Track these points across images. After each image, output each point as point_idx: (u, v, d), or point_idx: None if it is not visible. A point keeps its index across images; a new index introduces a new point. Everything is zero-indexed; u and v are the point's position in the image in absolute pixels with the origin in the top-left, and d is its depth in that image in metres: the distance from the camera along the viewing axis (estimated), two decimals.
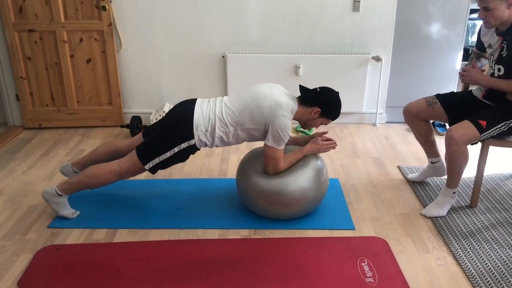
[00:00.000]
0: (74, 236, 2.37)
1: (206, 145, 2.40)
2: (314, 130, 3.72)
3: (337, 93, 2.45)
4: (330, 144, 2.50)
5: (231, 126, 2.36)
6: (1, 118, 4.06)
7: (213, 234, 2.40)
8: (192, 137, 2.34)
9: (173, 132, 2.36)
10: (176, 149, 2.36)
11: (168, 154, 2.36)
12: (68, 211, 2.50)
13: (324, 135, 2.54)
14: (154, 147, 2.39)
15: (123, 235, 2.38)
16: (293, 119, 2.43)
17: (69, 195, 2.48)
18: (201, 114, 2.37)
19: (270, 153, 2.34)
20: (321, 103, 2.40)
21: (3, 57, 3.72)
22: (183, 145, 2.35)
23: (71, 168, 2.70)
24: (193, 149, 2.39)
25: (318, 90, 2.43)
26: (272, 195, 2.36)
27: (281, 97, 2.35)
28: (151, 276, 2.07)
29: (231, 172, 3.11)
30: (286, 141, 2.34)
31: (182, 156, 2.41)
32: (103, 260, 2.18)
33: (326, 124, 2.50)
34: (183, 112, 2.40)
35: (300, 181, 2.36)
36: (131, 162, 2.41)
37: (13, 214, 2.58)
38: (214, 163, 3.25)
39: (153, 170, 2.42)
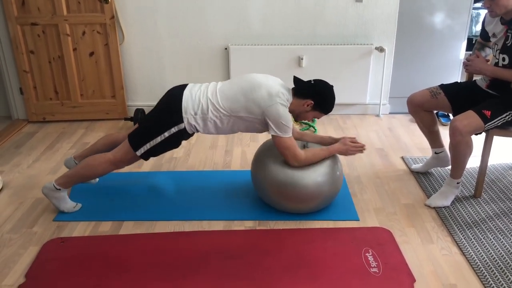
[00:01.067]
0: (80, 229, 2.39)
1: (197, 129, 2.38)
2: (316, 122, 3.71)
3: (331, 86, 2.41)
4: (358, 147, 2.46)
5: (226, 112, 2.33)
6: (5, 112, 4.08)
7: (218, 225, 2.41)
8: (182, 121, 2.33)
9: (162, 116, 2.36)
10: (166, 134, 2.35)
11: (158, 139, 2.36)
12: (69, 205, 2.51)
13: (353, 138, 2.49)
14: (144, 132, 2.39)
15: (129, 228, 2.40)
16: None
17: (68, 189, 2.49)
18: (190, 97, 2.35)
19: (280, 143, 2.31)
20: (314, 95, 2.37)
21: (6, 51, 3.72)
22: (173, 130, 2.35)
23: (73, 162, 2.71)
24: (184, 134, 2.38)
25: (312, 82, 2.41)
26: (287, 187, 2.34)
27: (276, 87, 2.32)
28: (157, 267, 2.08)
29: (235, 164, 3.12)
30: (290, 127, 2.30)
31: (173, 142, 2.41)
32: (109, 252, 2.19)
33: (318, 118, 2.47)
34: (172, 96, 2.39)
35: (314, 175, 2.34)
36: (124, 150, 2.42)
37: (19, 208, 2.60)
38: (218, 156, 3.26)
39: (145, 156, 2.42)
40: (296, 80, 2.43)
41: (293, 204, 2.41)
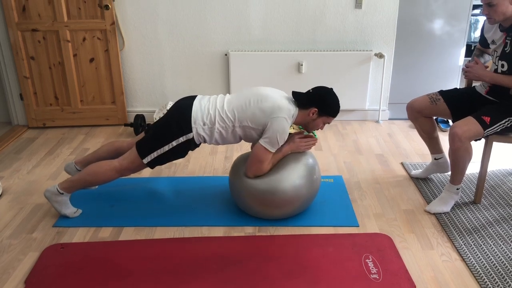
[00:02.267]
0: (80, 235, 2.38)
1: (204, 140, 2.40)
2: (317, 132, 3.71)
3: (331, 89, 2.43)
4: (309, 142, 2.47)
5: (230, 122, 2.35)
6: (5, 118, 4.08)
7: (218, 231, 2.41)
8: (190, 131, 2.35)
9: (171, 125, 2.37)
10: (174, 143, 2.36)
11: (166, 148, 2.37)
12: (70, 210, 2.51)
13: (303, 133, 2.51)
14: (152, 140, 2.41)
15: (129, 233, 2.40)
16: (294, 123, 2.43)
17: (71, 194, 2.50)
18: (199, 108, 2.38)
19: (260, 154, 2.32)
20: (316, 101, 2.38)
21: (6, 56, 3.73)
22: (181, 139, 2.36)
23: (74, 167, 2.71)
24: (191, 144, 2.39)
25: (311, 91, 2.43)
26: (265, 195, 2.35)
27: (283, 101, 2.35)
28: (157, 274, 2.08)
29: None
30: (280, 145, 2.33)
31: (181, 152, 2.42)
32: (108, 258, 2.19)
33: (329, 123, 2.49)
34: (182, 107, 2.41)
35: (292, 178, 2.35)
36: (130, 158, 2.43)
37: (19, 213, 2.60)
38: (218, 161, 3.26)
39: (151, 164, 2.43)
40: (295, 93, 2.44)
41: (274, 210, 2.41)
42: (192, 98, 2.46)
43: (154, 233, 2.40)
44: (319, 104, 2.39)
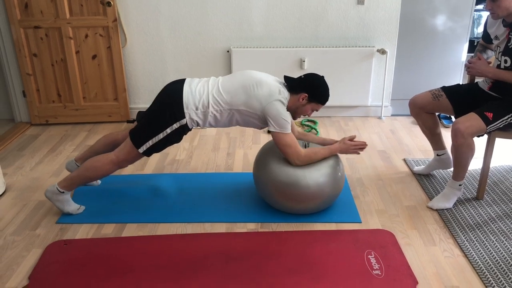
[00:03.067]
0: (83, 231, 2.39)
1: (198, 124, 2.40)
2: (318, 124, 3.71)
3: (322, 76, 2.45)
4: (358, 145, 2.48)
5: (226, 105, 2.36)
6: (8, 115, 4.09)
7: (221, 227, 2.42)
8: (183, 117, 2.35)
9: (164, 113, 2.37)
10: (168, 130, 2.36)
11: (160, 136, 2.37)
12: (73, 207, 2.52)
13: (353, 137, 2.52)
14: (146, 130, 2.40)
15: (131, 230, 2.41)
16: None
17: (72, 191, 2.50)
18: (190, 92, 2.37)
19: (280, 140, 2.33)
20: (307, 87, 2.40)
21: (9, 54, 3.74)
22: (175, 125, 2.36)
23: (75, 164, 2.71)
24: (185, 129, 2.40)
25: (303, 76, 2.45)
26: (289, 188, 2.35)
27: (276, 84, 2.37)
28: (159, 270, 2.09)
29: (237, 167, 3.12)
30: (289, 123, 2.33)
31: (175, 137, 2.42)
32: (111, 254, 2.20)
33: (317, 110, 2.48)
34: (172, 92, 2.40)
35: (316, 175, 2.35)
36: (126, 149, 2.43)
37: (22, 210, 2.61)
38: (220, 158, 3.27)
39: (147, 153, 2.43)
40: (287, 78, 2.46)
41: (294, 204, 2.42)
42: (181, 82, 2.44)
43: (157, 229, 2.41)
44: (309, 90, 2.40)
